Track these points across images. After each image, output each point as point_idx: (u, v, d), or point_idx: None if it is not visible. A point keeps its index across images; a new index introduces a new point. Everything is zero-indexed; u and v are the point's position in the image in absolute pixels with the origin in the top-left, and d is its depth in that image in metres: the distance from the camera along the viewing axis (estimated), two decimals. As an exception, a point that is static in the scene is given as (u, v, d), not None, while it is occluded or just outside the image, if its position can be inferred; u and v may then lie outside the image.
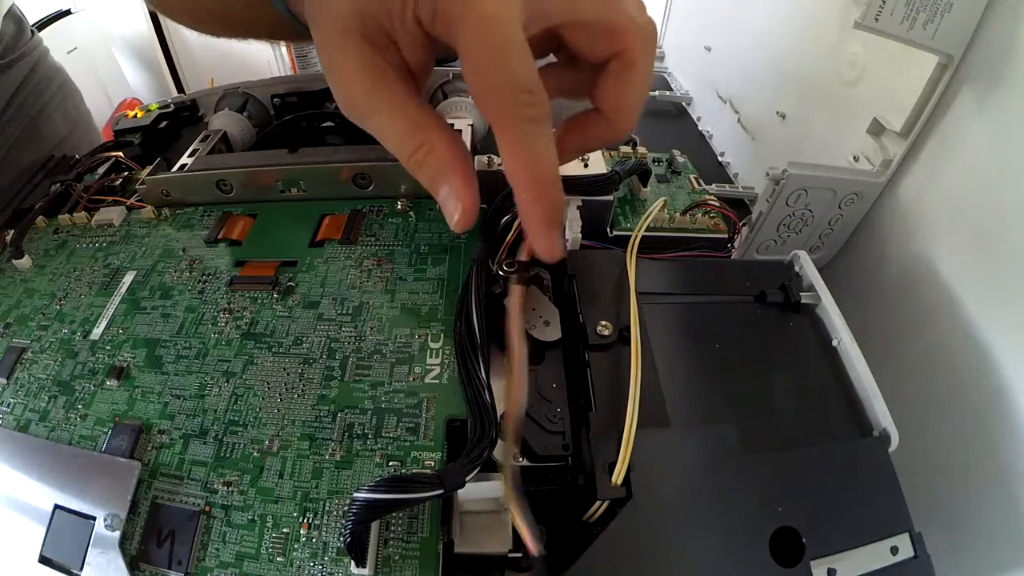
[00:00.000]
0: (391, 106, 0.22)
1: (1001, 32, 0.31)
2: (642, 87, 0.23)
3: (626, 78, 0.23)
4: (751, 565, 0.21)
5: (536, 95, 0.20)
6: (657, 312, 0.28)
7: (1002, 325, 0.30)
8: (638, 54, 0.22)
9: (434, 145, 0.22)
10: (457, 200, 0.22)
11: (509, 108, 0.20)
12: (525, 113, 0.20)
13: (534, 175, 0.21)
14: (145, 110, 0.46)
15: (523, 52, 0.19)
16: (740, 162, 0.61)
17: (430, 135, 0.22)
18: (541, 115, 0.20)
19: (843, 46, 0.43)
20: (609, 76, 0.23)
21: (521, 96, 0.19)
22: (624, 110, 0.23)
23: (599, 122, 0.24)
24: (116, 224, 0.33)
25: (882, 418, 0.25)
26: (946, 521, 0.31)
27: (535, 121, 0.20)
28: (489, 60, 0.19)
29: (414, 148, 0.22)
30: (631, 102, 0.23)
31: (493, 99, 0.20)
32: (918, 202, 0.36)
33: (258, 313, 0.27)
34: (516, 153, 0.21)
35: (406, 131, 0.22)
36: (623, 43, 0.22)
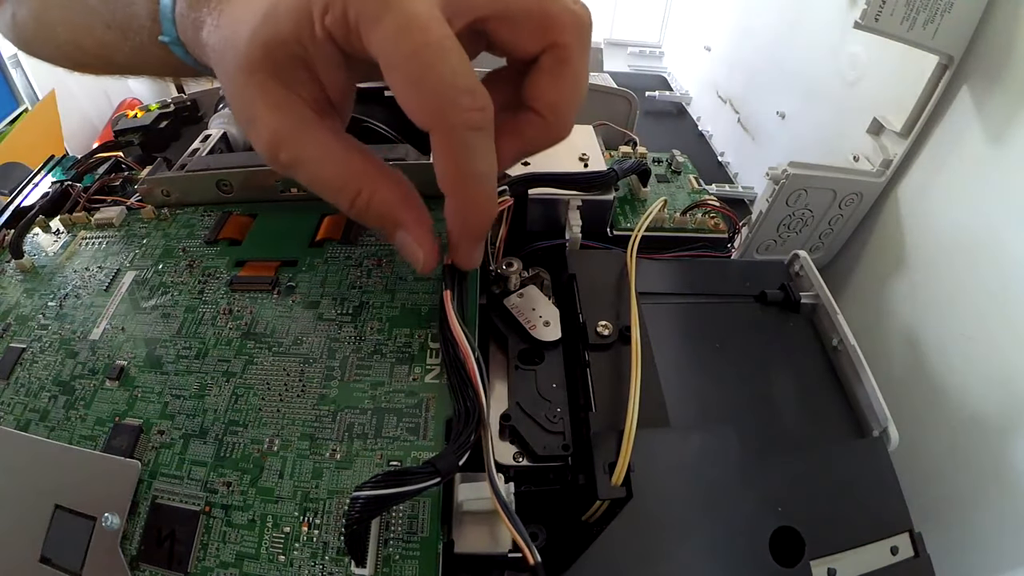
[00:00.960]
0: (315, 154, 0.20)
1: (1001, 32, 0.31)
2: (579, 83, 0.21)
3: (560, 73, 0.20)
4: (751, 565, 0.21)
5: (478, 96, 0.18)
6: (657, 312, 0.28)
7: (1002, 325, 0.30)
8: (572, 47, 0.20)
9: (373, 191, 0.20)
10: (416, 246, 0.20)
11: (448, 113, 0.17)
12: (466, 119, 0.18)
13: (473, 189, 0.19)
14: (145, 110, 0.46)
15: (456, 50, 0.17)
16: (740, 162, 0.61)
17: (365, 180, 0.20)
18: (484, 120, 0.18)
19: (843, 46, 0.43)
20: (542, 72, 0.20)
21: (461, 98, 0.17)
22: (561, 109, 0.21)
23: (535, 123, 0.21)
24: (116, 224, 0.33)
25: (882, 418, 0.25)
26: (946, 521, 0.31)
27: (477, 128, 0.18)
28: (418, 64, 0.17)
29: (352, 197, 0.20)
30: (568, 99, 0.21)
31: (426, 105, 0.18)
32: (918, 202, 0.36)
33: (258, 313, 0.27)
34: (454, 164, 0.19)
35: (338, 180, 0.20)
36: (555, 35, 0.20)
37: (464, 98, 0.17)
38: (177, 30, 0.23)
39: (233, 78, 0.19)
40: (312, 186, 0.20)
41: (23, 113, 0.64)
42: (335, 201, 0.20)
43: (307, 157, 0.20)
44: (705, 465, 0.23)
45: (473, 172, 0.19)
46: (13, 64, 0.63)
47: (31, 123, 0.62)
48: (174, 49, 0.24)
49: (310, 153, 0.20)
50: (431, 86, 0.17)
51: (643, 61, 0.84)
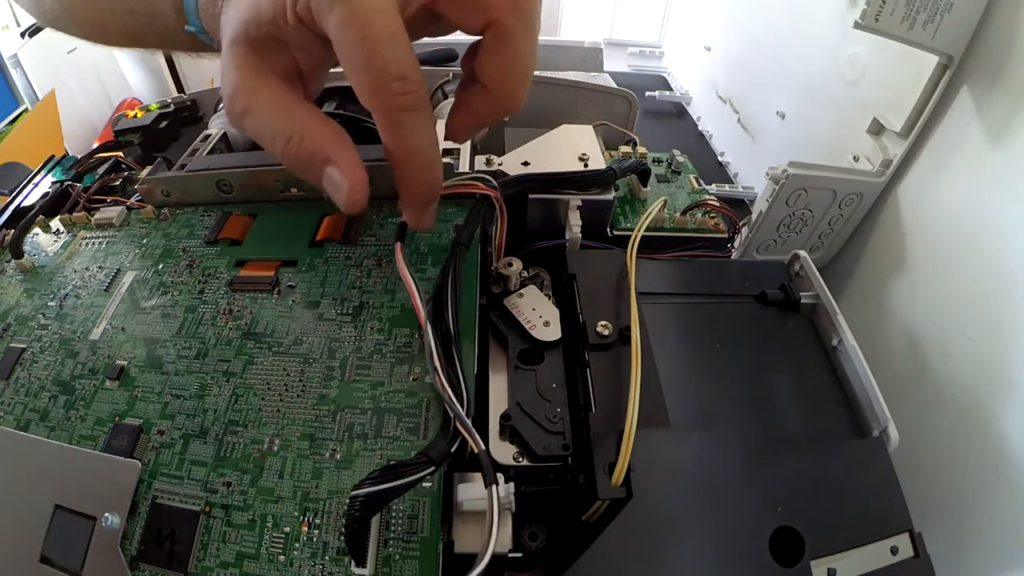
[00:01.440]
0: (265, 103, 0.22)
1: (1001, 32, 0.31)
2: (520, 57, 0.22)
3: (500, 49, 0.22)
4: (751, 565, 0.21)
5: (408, 82, 0.20)
6: (657, 312, 0.28)
7: (1001, 324, 0.30)
8: (508, 22, 0.21)
9: (307, 132, 0.21)
10: (342, 176, 0.21)
11: (381, 97, 0.20)
12: (396, 103, 0.20)
13: (410, 160, 0.22)
14: (145, 110, 0.46)
15: (392, 39, 0.19)
16: (740, 162, 0.61)
17: (302, 123, 0.21)
18: (413, 102, 0.20)
19: (843, 46, 0.43)
20: (484, 49, 0.22)
21: (392, 85, 0.19)
22: (505, 82, 0.23)
23: (484, 96, 0.23)
24: (116, 224, 0.33)
25: (882, 418, 0.25)
26: (946, 521, 0.31)
27: (407, 109, 0.20)
28: (358, 52, 0.19)
29: (287, 138, 0.21)
30: (511, 73, 0.22)
31: (364, 88, 0.20)
32: (918, 202, 0.36)
33: (258, 313, 0.27)
34: (390, 139, 0.21)
35: (275, 126, 0.22)
36: (491, 12, 0.21)
37: (395, 84, 0.19)
38: (200, 20, 0.25)
39: (223, 50, 0.22)
40: (257, 137, 0.22)
41: (23, 113, 0.64)
42: (271, 148, 0.22)
43: (255, 107, 0.22)
44: (705, 465, 0.23)
45: (409, 146, 0.21)
46: (13, 64, 0.63)
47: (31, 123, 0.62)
48: (200, 37, 0.26)
49: (257, 103, 0.22)
50: (368, 73, 0.19)
51: (643, 61, 0.84)
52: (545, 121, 0.38)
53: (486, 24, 0.22)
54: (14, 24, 0.65)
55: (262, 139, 0.22)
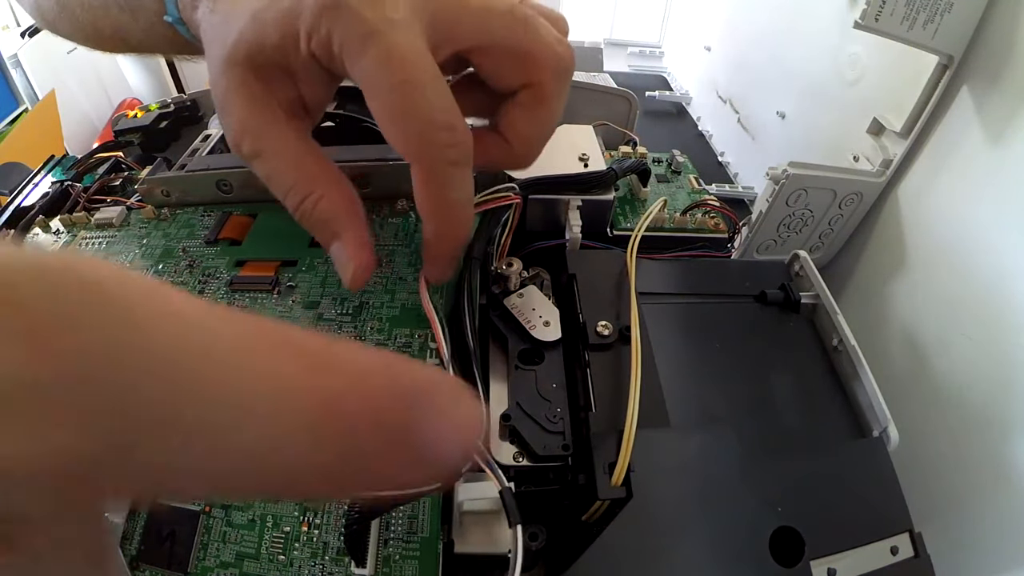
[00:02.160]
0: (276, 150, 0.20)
1: (1001, 32, 0.31)
2: (551, 121, 0.22)
3: (536, 112, 0.21)
4: (751, 565, 0.21)
5: (457, 132, 0.18)
6: (657, 312, 0.28)
7: (1001, 324, 0.30)
8: (551, 87, 0.21)
9: (321, 196, 0.20)
10: (349, 259, 0.21)
11: (427, 149, 0.18)
12: (445, 156, 0.18)
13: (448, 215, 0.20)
14: (145, 110, 0.46)
15: (437, 84, 0.18)
16: (740, 162, 0.61)
17: (316, 185, 0.20)
18: (462, 156, 0.19)
19: (843, 46, 0.43)
20: (518, 107, 0.21)
21: (440, 135, 0.18)
22: (531, 143, 0.22)
23: (502, 147, 0.22)
24: (116, 224, 0.33)
25: (882, 418, 0.25)
26: (946, 521, 0.31)
27: (456, 164, 0.18)
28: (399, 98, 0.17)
29: (299, 199, 0.21)
30: (538, 135, 0.22)
31: (407, 139, 0.18)
32: (918, 202, 0.36)
33: (258, 313, 0.27)
34: (432, 194, 0.19)
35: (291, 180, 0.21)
36: (536, 75, 0.20)
37: (442, 135, 0.18)
38: (179, 9, 0.24)
39: (215, 66, 0.20)
40: (266, 181, 0.21)
41: (23, 113, 0.64)
42: (284, 200, 0.21)
43: (266, 152, 0.20)
44: (705, 465, 0.23)
45: (450, 201, 0.19)
46: (13, 64, 0.63)
47: (31, 123, 0.62)
48: (179, 28, 0.25)
49: (270, 149, 0.20)
50: (411, 121, 0.18)
51: (643, 61, 0.84)
52: (545, 121, 0.38)
53: (525, 84, 0.21)
54: (14, 24, 0.65)
55: (272, 188, 0.21)
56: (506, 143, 0.22)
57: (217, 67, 0.20)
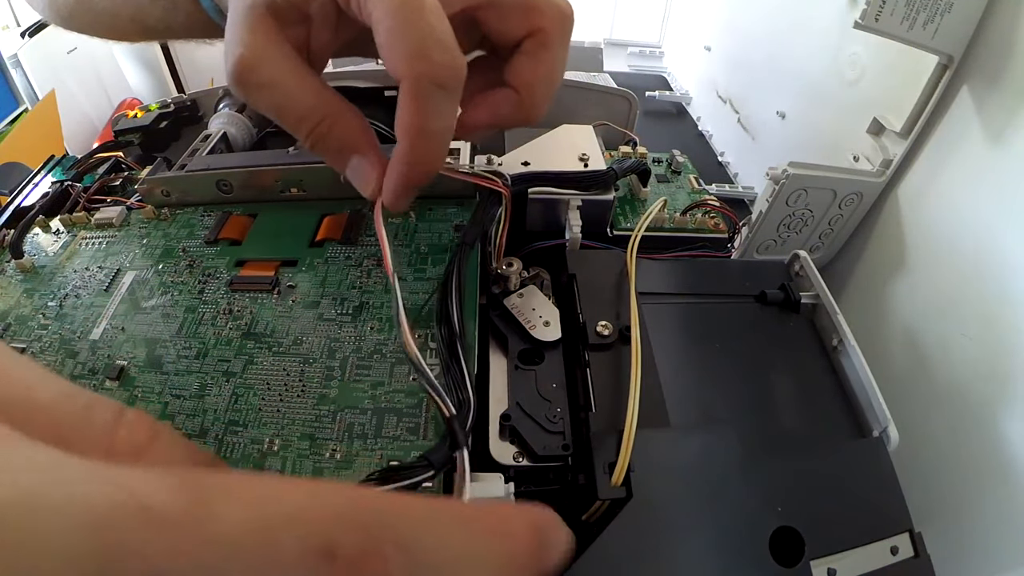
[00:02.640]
0: (288, 79, 0.20)
1: (1001, 32, 0.31)
2: (555, 67, 0.23)
3: (539, 56, 0.22)
4: (751, 565, 0.21)
5: (451, 53, 0.18)
6: (657, 312, 0.28)
7: (1001, 324, 0.30)
8: (553, 33, 0.22)
9: (335, 120, 0.21)
10: (370, 168, 0.21)
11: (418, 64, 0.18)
12: (436, 74, 0.18)
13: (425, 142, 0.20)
14: (145, 110, 0.46)
15: (439, 12, 0.18)
16: (740, 162, 0.61)
17: (328, 109, 0.21)
18: (452, 78, 0.19)
19: (843, 46, 0.43)
20: (523, 55, 0.22)
21: (434, 53, 0.18)
22: (536, 88, 0.23)
23: (510, 99, 0.23)
24: (116, 224, 0.33)
25: (882, 418, 0.25)
26: (946, 521, 0.31)
27: (443, 86, 0.19)
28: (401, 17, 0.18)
29: (315, 123, 0.21)
30: (543, 79, 0.23)
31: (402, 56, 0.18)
32: (918, 202, 0.36)
33: (258, 313, 0.27)
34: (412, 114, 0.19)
35: (306, 105, 0.21)
36: (538, 21, 0.22)
37: (436, 52, 0.18)
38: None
39: (235, 9, 0.21)
40: (274, 111, 0.21)
41: (23, 113, 0.64)
42: (295, 128, 0.21)
43: (277, 81, 0.20)
44: (705, 465, 0.23)
45: (428, 126, 0.20)
46: (13, 64, 0.63)
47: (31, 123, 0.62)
48: (203, 2, 0.26)
49: (280, 78, 0.20)
50: (409, 37, 0.18)
51: (643, 61, 0.84)
52: (545, 121, 0.37)
53: (529, 32, 0.22)
54: (14, 24, 0.65)
55: (282, 117, 0.21)
56: (514, 93, 0.23)
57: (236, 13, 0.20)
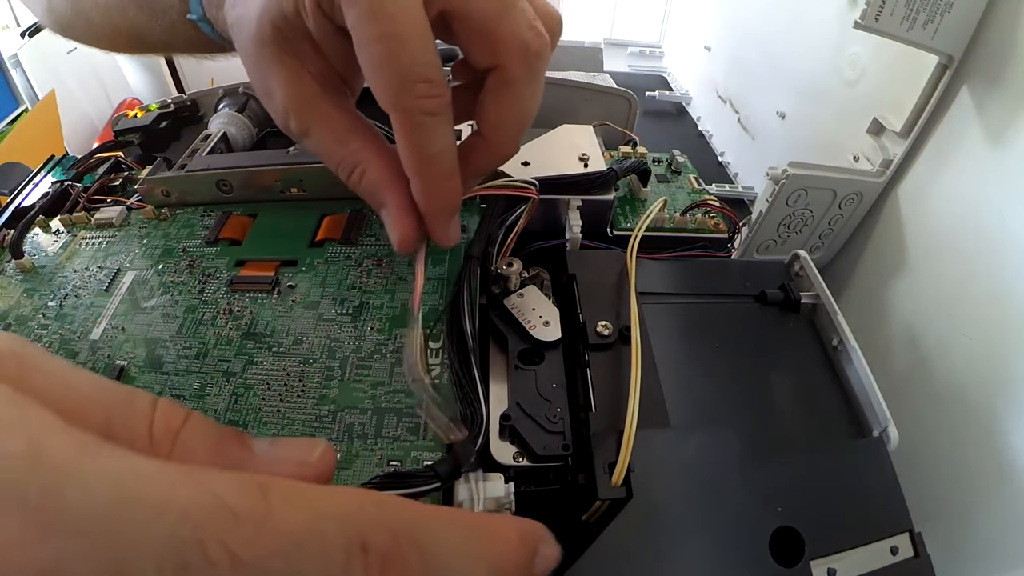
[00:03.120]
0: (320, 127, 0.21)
1: (1001, 32, 0.31)
2: (520, 109, 0.21)
3: (502, 96, 0.21)
4: (751, 565, 0.21)
5: (434, 85, 0.18)
6: (657, 312, 0.28)
7: (1001, 324, 0.30)
8: (515, 72, 0.20)
9: (364, 170, 0.21)
10: (393, 226, 0.21)
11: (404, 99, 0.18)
12: (420, 105, 0.18)
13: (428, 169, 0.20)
14: (145, 110, 0.46)
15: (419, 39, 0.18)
16: (740, 162, 0.61)
17: (362, 155, 0.21)
18: (438, 106, 0.19)
19: (843, 46, 0.43)
20: (487, 91, 0.21)
21: (417, 87, 0.18)
22: (501, 131, 0.22)
23: (479, 146, 0.22)
24: (116, 224, 0.33)
25: (882, 418, 0.25)
26: (946, 521, 0.31)
27: (431, 113, 0.19)
28: (382, 49, 0.18)
29: (347, 173, 0.21)
30: (508, 123, 0.22)
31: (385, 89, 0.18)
32: (918, 202, 0.36)
33: (258, 313, 0.27)
34: (410, 145, 0.20)
35: (338, 155, 0.21)
36: (500, 56, 0.20)
37: (420, 86, 0.18)
38: (203, 8, 0.25)
39: (248, 51, 0.21)
40: (317, 154, 0.22)
41: (23, 113, 0.64)
42: (335, 171, 0.22)
43: (312, 129, 0.21)
44: (705, 465, 0.23)
45: (429, 152, 0.20)
46: (13, 64, 0.63)
47: (31, 123, 0.62)
48: (201, 26, 0.25)
49: (315, 126, 0.21)
50: (391, 71, 0.18)
51: (643, 61, 0.84)
52: (545, 121, 0.38)
53: (491, 66, 0.20)
54: (14, 24, 0.65)
55: (325, 161, 0.22)
56: (483, 140, 0.22)
57: (251, 52, 0.20)
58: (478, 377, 0.22)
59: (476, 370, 0.23)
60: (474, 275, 0.26)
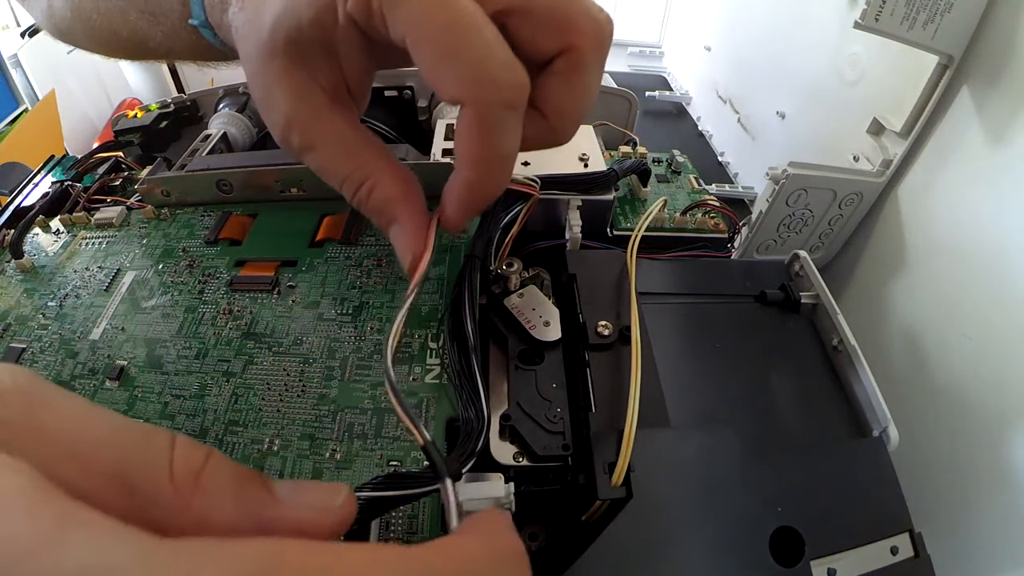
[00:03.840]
0: (325, 142, 0.20)
1: (1001, 32, 0.31)
2: (589, 92, 0.20)
3: (572, 80, 0.20)
4: (751, 565, 0.21)
5: (517, 71, 0.17)
6: (657, 312, 0.28)
7: (1001, 324, 0.30)
8: (588, 54, 0.19)
9: (373, 185, 0.20)
10: (407, 246, 0.20)
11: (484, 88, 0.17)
12: (503, 97, 0.17)
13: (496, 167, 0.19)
14: (145, 110, 0.46)
15: (490, 25, 0.17)
16: (740, 162, 0.61)
17: (370, 170, 0.20)
18: (520, 98, 0.17)
19: (843, 46, 0.43)
20: (555, 75, 0.20)
21: (499, 72, 0.17)
22: (567, 115, 0.20)
23: (539, 124, 0.21)
24: (116, 224, 0.33)
25: (882, 418, 0.25)
26: (946, 521, 0.31)
27: (513, 107, 0.17)
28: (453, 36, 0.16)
29: (354, 189, 0.20)
30: (575, 107, 0.20)
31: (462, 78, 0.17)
32: (918, 202, 0.36)
33: (258, 313, 0.27)
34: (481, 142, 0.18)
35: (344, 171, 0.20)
36: (574, 39, 0.19)
37: (502, 73, 0.17)
38: (205, 13, 0.24)
39: (253, 60, 0.19)
40: (319, 173, 0.21)
41: (23, 113, 0.64)
42: (339, 189, 0.21)
43: (316, 145, 0.20)
44: (705, 465, 0.23)
45: (498, 152, 0.18)
46: (13, 64, 0.63)
47: (31, 123, 0.62)
48: (203, 32, 0.24)
49: (318, 142, 0.20)
50: (467, 59, 0.16)
51: (643, 61, 0.84)
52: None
53: (562, 49, 0.19)
54: (14, 24, 0.65)
55: (327, 179, 0.21)
56: (543, 118, 0.20)
57: (256, 61, 0.19)
58: (479, 377, 0.22)
59: (477, 370, 0.23)
60: (474, 275, 0.26)
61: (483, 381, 0.22)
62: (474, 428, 0.21)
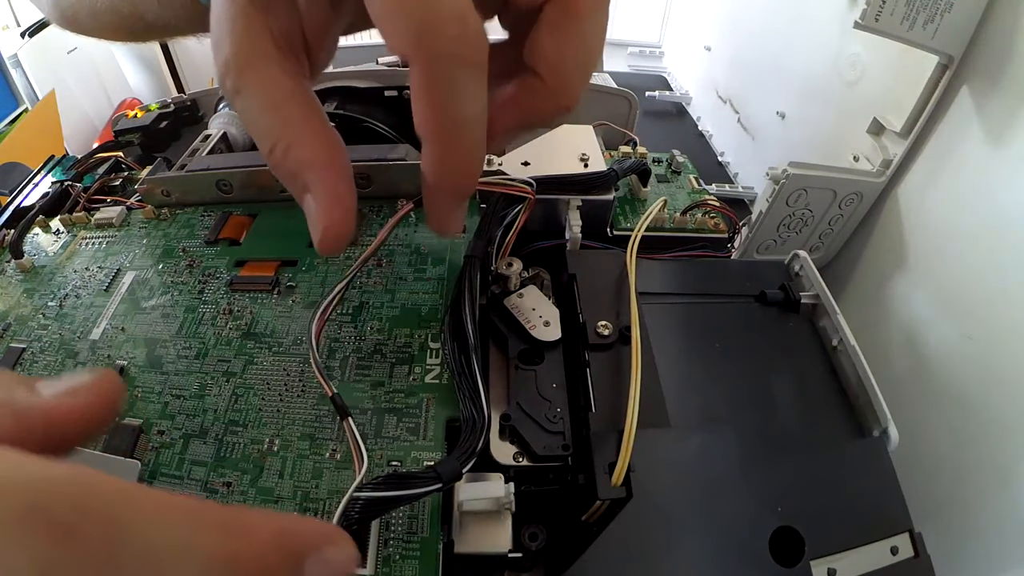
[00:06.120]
0: (256, 88, 0.17)
1: (1001, 32, 0.31)
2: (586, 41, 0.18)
3: (565, 27, 0.17)
4: (751, 565, 0.21)
5: (468, 24, 0.15)
6: (657, 312, 0.28)
7: (1002, 324, 0.30)
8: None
9: (294, 141, 0.17)
10: (318, 217, 0.17)
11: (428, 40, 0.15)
12: (451, 49, 0.15)
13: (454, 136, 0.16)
14: (145, 110, 0.46)
15: None
16: (740, 162, 0.61)
17: (292, 127, 0.17)
18: (473, 54, 0.15)
19: (843, 46, 0.43)
20: (545, 26, 0.17)
21: (446, 25, 0.14)
22: (563, 71, 0.18)
23: (536, 88, 0.18)
24: (116, 224, 0.33)
25: (882, 418, 0.25)
26: (946, 521, 0.31)
27: (463, 62, 0.15)
28: None
29: (270, 145, 0.18)
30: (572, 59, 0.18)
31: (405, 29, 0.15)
32: (918, 202, 0.36)
33: (258, 313, 0.27)
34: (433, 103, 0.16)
35: (263, 123, 0.18)
36: None
37: (451, 24, 0.14)
38: None
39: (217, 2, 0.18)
40: (244, 123, 0.19)
41: (23, 113, 0.64)
42: (257, 142, 0.19)
43: (246, 88, 0.18)
44: (705, 465, 0.23)
45: (457, 115, 0.16)
46: (13, 64, 0.63)
47: (31, 123, 0.62)
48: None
49: (250, 85, 0.18)
50: (410, 8, 0.14)
51: (643, 61, 0.84)
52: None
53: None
54: (14, 24, 0.65)
55: (250, 132, 0.19)
56: (538, 80, 0.18)
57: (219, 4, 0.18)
58: (479, 377, 0.22)
59: (478, 370, 0.23)
60: (474, 275, 0.26)
61: (483, 381, 0.22)
62: (474, 428, 0.21)
